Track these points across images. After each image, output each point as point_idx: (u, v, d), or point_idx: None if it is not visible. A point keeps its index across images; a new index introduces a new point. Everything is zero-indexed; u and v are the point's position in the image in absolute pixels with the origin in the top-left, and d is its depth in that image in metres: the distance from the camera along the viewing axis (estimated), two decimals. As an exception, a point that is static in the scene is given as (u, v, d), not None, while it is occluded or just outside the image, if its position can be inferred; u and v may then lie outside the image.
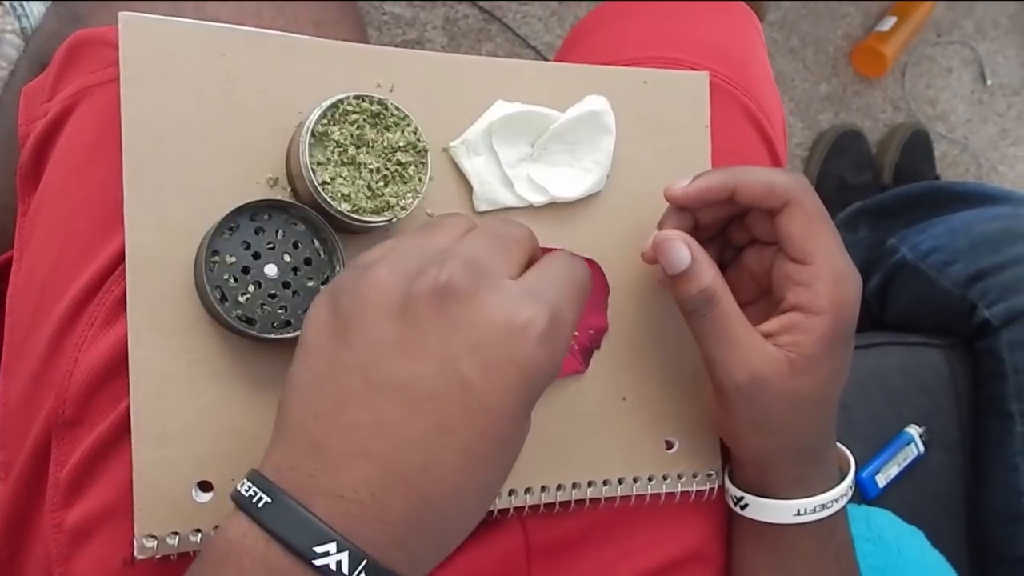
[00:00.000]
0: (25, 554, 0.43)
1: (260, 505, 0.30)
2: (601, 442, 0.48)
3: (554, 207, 0.47)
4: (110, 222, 0.40)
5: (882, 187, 1.29)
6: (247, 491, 0.31)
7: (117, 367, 0.39)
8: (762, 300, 0.47)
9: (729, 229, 0.47)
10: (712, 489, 0.51)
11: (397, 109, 0.42)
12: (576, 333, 0.47)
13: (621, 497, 0.49)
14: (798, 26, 1.33)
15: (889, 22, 1.39)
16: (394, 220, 0.41)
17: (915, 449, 0.78)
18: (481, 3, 1.10)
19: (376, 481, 0.30)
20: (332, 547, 0.30)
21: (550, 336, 0.32)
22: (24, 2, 0.81)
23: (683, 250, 0.43)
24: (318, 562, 0.29)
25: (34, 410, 0.41)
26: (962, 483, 0.80)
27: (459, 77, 0.46)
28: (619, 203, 0.49)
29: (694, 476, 0.50)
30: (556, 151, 0.47)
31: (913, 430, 0.78)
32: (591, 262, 0.48)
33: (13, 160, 0.45)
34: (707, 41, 0.54)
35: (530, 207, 0.46)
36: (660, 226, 0.45)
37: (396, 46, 1.03)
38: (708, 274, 0.43)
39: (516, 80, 0.47)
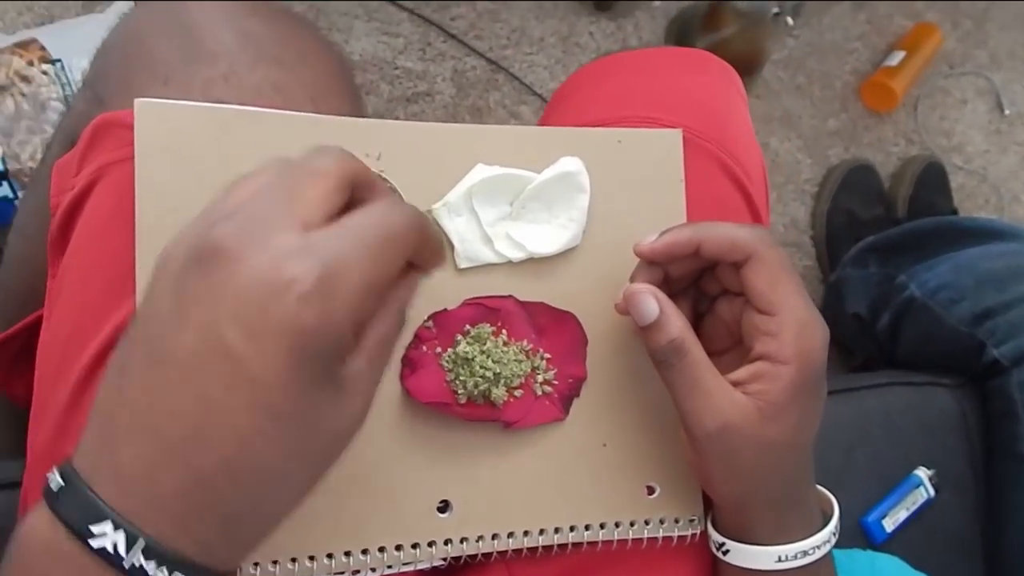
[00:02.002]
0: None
1: (54, 488, 0.31)
2: (582, 488, 0.50)
3: (532, 262, 0.50)
4: (125, 285, 0.43)
5: (895, 221, 1.30)
6: (50, 477, 0.31)
7: None
8: (736, 348, 0.48)
9: (702, 280, 0.50)
10: (694, 535, 0.52)
11: (382, 177, 0.45)
12: (555, 380, 0.49)
13: (603, 542, 0.51)
14: (804, 64, 1.35)
15: (898, 56, 1.40)
16: None
17: (925, 492, 0.77)
18: (488, 55, 1.14)
19: (149, 456, 0.30)
20: (108, 526, 0.29)
21: (320, 293, 0.29)
22: (67, 71, 0.87)
23: (651, 303, 0.45)
24: (94, 543, 0.29)
25: (57, 456, 0.44)
26: (977, 523, 0.80)
27: (441, 144, 0.49)
28: (595, 256, 0.51)
29: (676, 521, 0.52)
30: (534, 209, 0.50)
31: (922, 472, 0.78)
32: (568, 313, 0.50)
33: (46, 227, 0.49)
34: (682, 99, 0.56)
35: (509, 263, 0.49)
36: (632, 279, 0.48)
37: (407, 98, 1.08)
38: (676, 325, 0.45)
39: (496, 145, 0.50)
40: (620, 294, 0.47)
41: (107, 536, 0.29)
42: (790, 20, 1.17)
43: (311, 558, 0.45)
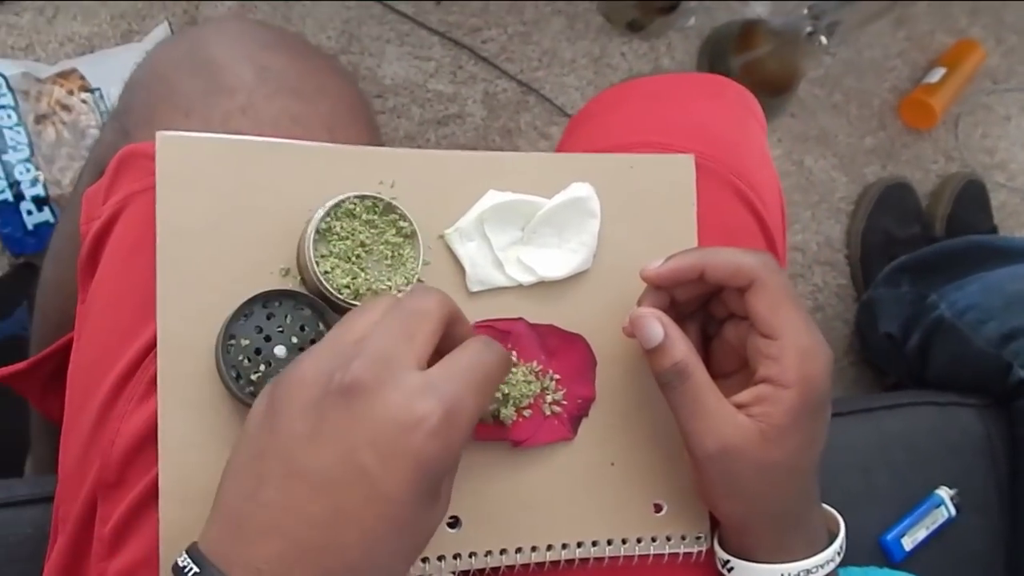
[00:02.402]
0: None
1: (189, 574, 0.35)
2: (590, 505, 0.51)
3: (543, 286, 0.51)
4: (147, 310, 0.46)
5: (932, 240, 1.28)
6: (182, 562, 0.36)
7: (151, 437, 0.45)
8: (743, 371, 0.49)
9: (710, 303, 0.51)
10: (700, 552, 0.53)
11: (393, 204, 0.47)
12: (564, 400, 0.51)
13: (609, 558, 0.52)
14: (841, 82, 1.34)
15: (938, 73, 1.39)
16: None
17: (945, 512, 0.77)
18: (519, 77, 1.16)
19: (285, 555, 0.35)
20: None
21: (444, 429, 0.36)
22: (105, 99, 0.91)
23: (656, 326, 0.47)
24: None
25: (85, 472, 0.47)
26: (1000, 545, 0.79)
27: (454, 171, 0.51)
28: (606, 280, 0.52)
29: (682, 538, 0.53)
30: (545, 234, 0.52)
31: (944, 492, 0.77)
32: (577, 336, 0.51)
33: (78, 253, 0.52)
34: (695, 125, 0.57)
35: (520, 286, 0.51)
36: (639, 303, 0.49)
37: (438, 121, 1.11)
38: (680, 349, 0.46)
39: (508, 171, 0.52)
40: (627, 318, 0.48)
41: None
42: (824, 40, 1.17)
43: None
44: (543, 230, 0.51)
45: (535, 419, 0.50)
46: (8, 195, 0.88)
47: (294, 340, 0.46)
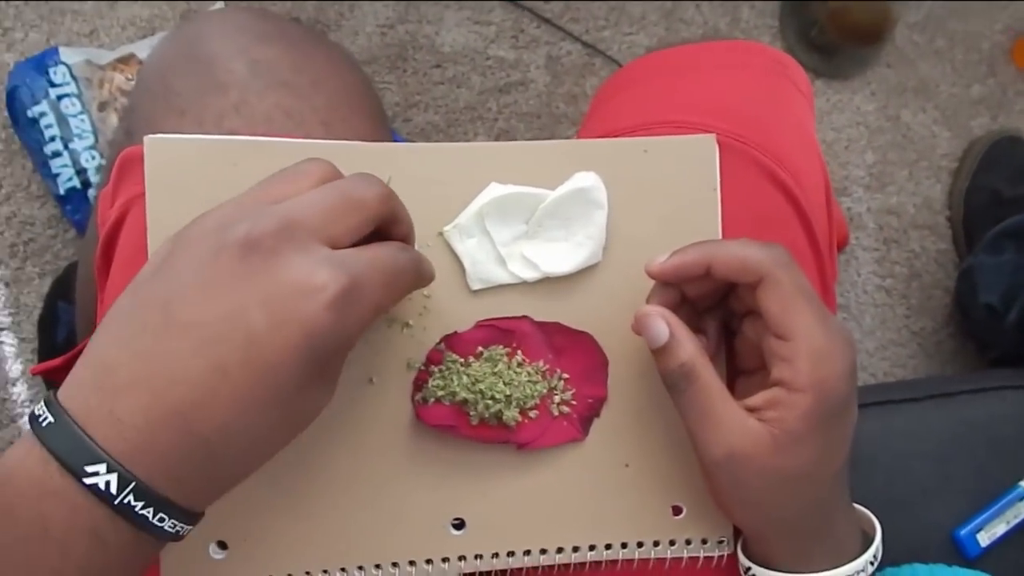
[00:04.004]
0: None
1: (44, 424, 0.33)
2: (604, 507, 0.49)
3: (548, 282, 0.49)
4: None
5: (1047, 198, 1.17)
6: (38, 411, 0.34)
7: None
8: (765, 369, 0.46)
9: (728, 298, 0.47)
10: (722, 556, 0.50)
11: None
12: (573, 400, 0.49)
13: (624, 561, 0.50)
14: (944, 25, 1.23)
15: (1060, 10, 1.26)
16: None
17: (1028, 506, 0.71)
18: (584, 38, 1.11)
19: (151, 410, 0.33)
20: (102, 467, 0.32)
21: (342, 303, 0.34)
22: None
23: (661, 325, 0.44)
24: (88, 480, 0.32)
25: None
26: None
27: (453, 164, 0.48)
28: (617, 275, 0.49)
29: (703, 542, 0.50)
30: (550, 227, 0.49)
31: (1028, 484, 0.72)
32: (585, 334, 0.49)
33: None
34: (719, 99, 0.53)
35: (524, 283, 0.49)
36: (648, 300, 0.46)
37: (500, 89, 1.08)
38: (686, 350, 0.44)
39: (511, 162, 0.49)
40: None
41: (100, 476, 0.32)
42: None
43: (325, 572, 0.47)
44: (548, 223, 0.49)
45: (542, 420, 0.48)
46: (76, 182, 0.92)
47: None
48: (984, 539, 0.70)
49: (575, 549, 0.49)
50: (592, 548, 0.49)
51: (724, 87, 0.54)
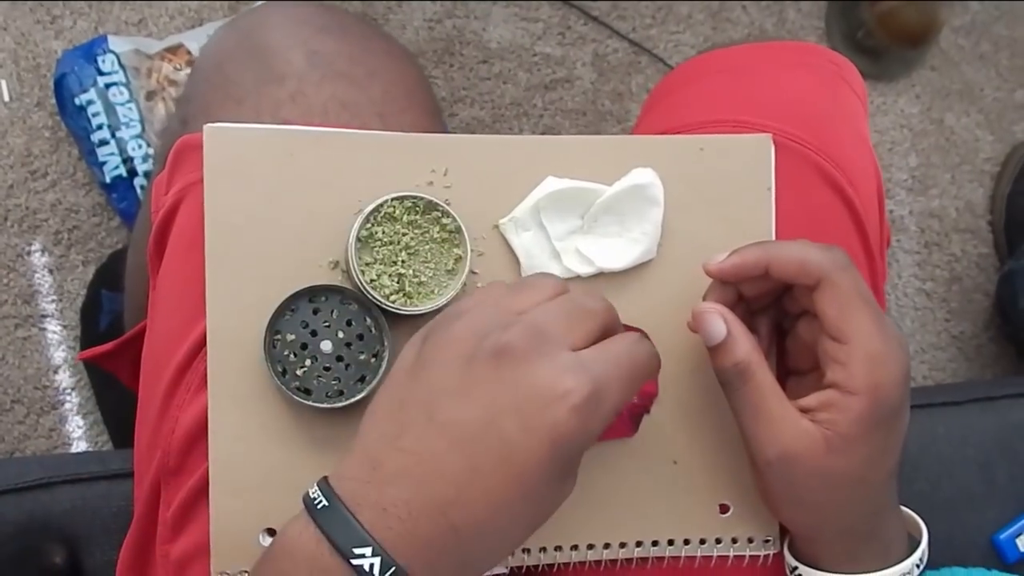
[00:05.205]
0: (150, 576, 0.51)
1: (319, 507, 0.36)
2: (651, 504, 0.49)
3: (603, 277, 0.49)
4: (202, 303, 0.47)
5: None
6: (313, 494, 0.37)
7: (206, 427, 0.46)
8: (818, 370, 0.46)
9: (783, 298, 0.47)
10: (768, 556, 0.50)
11: (435, 202, 0.46)
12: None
13: (671, 558, 0.50)
14: (989, 29, 1.21)
15: (1110, 15, 1.23)
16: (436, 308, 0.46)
17: (1071, 512, 0.70)
18: (630, 36, 1.11)
19: (413, 502, 0.36)
20: (368, 551, 0.35)
21: (587, 407, 0.36)
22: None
23: (718, 323, 0.44)
24: (355, 561, 0.35)
25: (152, 457, 0.49)
26: None
27: (510, 157, 0.49)
28: (671, 272, 0.49)
29: (750, 541, 0.50)
30: (606, 223, 0.49)
31: (1071, 491, 0.71)
32: (637, 330, 0.49)
33: None
34: (776, 99, 0.53)
35: (578, 278, 0.49)
36: (704, 298, 0.46)
37: (545, 86, 1.08)
38: (742, 348, 0.43)
39: (568, 156, 0.49)
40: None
41: (366, 558, 0.35)
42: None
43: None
44: (604, 219, 0.49)
45: (592, 416, 0.48)
46: (122, 171, 0.93)
47: (340, 335, 0.45)
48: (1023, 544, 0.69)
49: (622, 545, 0.49)
50: (639, 544, 0.49)
51: (782, 88, 0.54)
